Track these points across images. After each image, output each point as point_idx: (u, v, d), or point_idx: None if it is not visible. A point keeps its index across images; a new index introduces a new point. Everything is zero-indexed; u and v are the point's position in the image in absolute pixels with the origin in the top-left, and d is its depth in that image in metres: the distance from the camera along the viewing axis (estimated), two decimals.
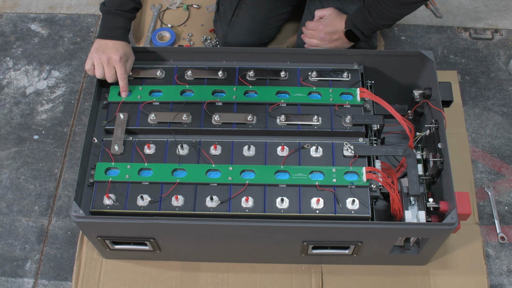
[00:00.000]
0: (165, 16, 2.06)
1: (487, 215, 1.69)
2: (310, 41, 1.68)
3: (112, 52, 1.44)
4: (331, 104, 1.47)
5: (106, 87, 1.50)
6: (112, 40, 1.46)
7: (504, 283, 1.59)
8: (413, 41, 2.05)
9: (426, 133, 1.48)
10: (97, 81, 1.49)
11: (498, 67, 1.98)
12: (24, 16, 2.12)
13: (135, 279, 1.53)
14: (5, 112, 1.90)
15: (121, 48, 1.45)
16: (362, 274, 1.53)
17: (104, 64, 1.44)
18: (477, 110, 1.89)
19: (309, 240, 1.38)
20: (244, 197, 1.34)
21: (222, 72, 1.51)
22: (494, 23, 2.09)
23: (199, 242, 1.43)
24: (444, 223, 1.29)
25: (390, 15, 1.54)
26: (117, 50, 1.45)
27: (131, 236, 1.40)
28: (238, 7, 1.80)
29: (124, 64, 1.46)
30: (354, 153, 1.40)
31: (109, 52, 1.44)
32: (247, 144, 1.42)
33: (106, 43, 1.45)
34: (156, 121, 1.44)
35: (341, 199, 1.35)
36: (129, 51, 1.49)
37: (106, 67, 1.44)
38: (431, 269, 1.54)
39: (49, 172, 1.78)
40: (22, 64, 2.00)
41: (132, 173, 1.38)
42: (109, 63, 1.44)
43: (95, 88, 1.48)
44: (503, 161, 1.79)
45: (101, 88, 1.51)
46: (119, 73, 1.45)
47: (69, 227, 1.68)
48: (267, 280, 1.53)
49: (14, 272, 1.62)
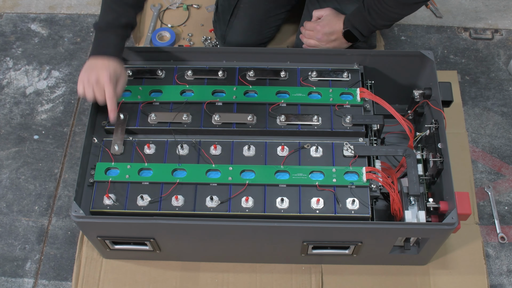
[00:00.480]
0: (165, 16, 2.06)
1: (487, 215, 1.69)
2: (308, 41, 1.68)
3: (100, 71, 1.34)
4: (331, 104, 1.47)
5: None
6: (101, 58, 1.37)
7: (504, 283, 1.59)
8: (413, 41, 2.05)
9: (426, 133, 1.48)
10: None
11: (498, 67, 1.98)
12: (24, 16, 2.12)
13: (135, 279, 1.53)
14: (5, 112, 1.90)
15: (111, 66, 1.36)
16: (362, 274, 1.53)
17: (94, 85, 1.35)
18: (477, 110, 1.89)
19: (309, 240, 1.38)
20: (244, 197, 1.34)
21: (222, 72, 1.51)
22: (494, 23, 2.09)
23: (199, 242, 1.43)
24: (444, 223, 1.29)
25: (390, 16, 1.54)
26: (106, 68, 1.35)
27: (131, 236, 1.40)
28: (237, 8, 1.80)
29: (113, 84, 1.35)
30: (354, 153, 1.40)
31: (98, 70, 1.35)
32: (247, 144, 1.42)
33: (95, 61, 1.37)
34: (156, 121, 1.44)
35: (341, 199, 1.35)
36: (120, 70, 1.39)
37: (96, 87, 1.35)
38: (431, 269, 1.54)
39: (49, 172, 1.78)
40: (22, 64, 2.00)
41: (132, 173, 1.38)
42: (98, 83, 1.34)
43: None
44: (503, 161, 1.79)
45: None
46: (107, 92, 1.35)
47: (69, 227, 1.68)
48: (267, 280, 1.53)
49: (14, 272, 1.62)
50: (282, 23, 1.90)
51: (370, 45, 1.80)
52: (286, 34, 1.97)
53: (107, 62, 1.36)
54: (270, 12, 1.83)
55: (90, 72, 1.35)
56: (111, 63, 1.37)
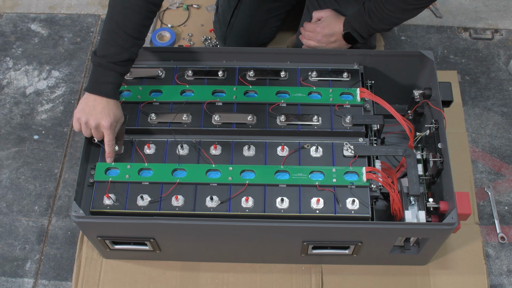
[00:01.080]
0: (165, 16, 2.06)
1: (487, 215, 1.69)
2: (308, 42, 1.68)
3: (101, 118, 1.31)
4: (331, 104, 1.47)
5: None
6: (100, 99, 1.31)
7: (504, 283, 1.59)
8: (413, 41, 2.05)
9: (426, 133, 1.48)
10: None
11: (498, 67, 1.98)
12: (24, 16, 2.12)
13: (135, 279, 1.53)
14: (5, 112, 1.90)
15: (112, 113, 1.32)
16: (362, 274, 1.53)
17: (92, 129, 1.33)
18: (477, 110, 1.89)
19: (309, 240, 1.38)
20: (244, 197, 1.34)
21: (222, 72, 1.51)
22: (494, 23, 2.09)
23: (199, 242, 1.43)
24: (444, 223, 1.29)
25: (391, 20, 1.54)
26: (107, 116, 1.31)
27: (131, 236, 1.40)
28: (237, 8, 1.80)
29: (113, 131, 1.34)
30: (354, 153, 1.40)
31: (98, 117, 1.31)
32: (247, 144, 1.41)
33: (94, 104, 1.31)
34: (156, 121, 1.44)
35: (341, 199, 1.35)
36: (119, 114, 1.36)
37: (95, 131, 1.34)
38: (431, 269, 1.54)
39: (49, 172, 1.78)
40: (22, 64, 2.00)
41: (132, 173, 1.38)
42: (97, 128, 1.33)
43: None
44: (503, 161, 1.79)
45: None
46: (106, 140, 1.34)
47: (69, 227, 1.68)
48: (267, 280, 1.53)
49: (14, 272, 1.62)
50: (282, 23, 1.90)
51: (369, 46, 1.80)
52: (286, 34, 1.97)
53: (107, 107, 1.31)
54: (270, 12, 1.83)
55: (88, 116, 1.31)
56: (111, 108, 1.32)
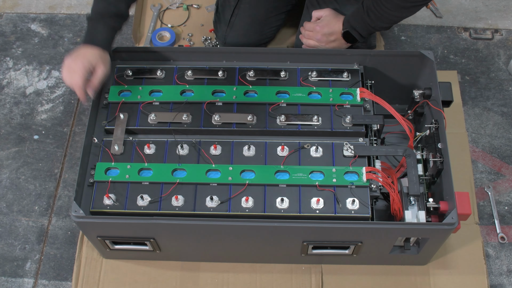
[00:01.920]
0: (165, 16, 2.06)
1: (487, 215, 1.69)
2: (308, 41, 1.68)
3: (76, 59, 1.35)
4: (331, 104, 1.47)
5: (106, 87, 1.50)
6: (86, 47, 1.38)
7: (504, 283, 1.59)
8: (413, 41, 2.05)
9: (426, 133, 1.48)
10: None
11: (498, 67, 1.98)
12: (24, 16, 2.12)
13: (135, 279, 1.53)
14: (5, 112, 1.90)
15: (88, 54, 1.36)
16: (362, 274, 1.53)
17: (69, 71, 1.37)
18: (477, 110, 1.89)
19: (309, 240, 1.38)
20: (244, 197, 1.34)
21: (222, 72, 1.51)
22: (494, 23, 2.09)
23: (199, 242, 1.43)
24: (444, 223, 1.29)
25: (389, 18, 1.54)
26: (81, 57, 1.35)
27: (131, 236, 1.40)
28: (237, 8, 1.80)
29: (82, 73, 1.35)
30: (354, 153, 1.40)
31: (74, 58, 1.36)
32: (247, 144, 1.41)
33: (80, 50, 1.38)
34: (156, 121, 1.44)
35: (341, 199, 1.35)
36: (96, 60, 1.37)
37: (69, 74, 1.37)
38: (431, 269, 1.54)
39: (49, 172, 1.78)
40: (22, 64, 2.00)
41: (132, 173, 1.38)
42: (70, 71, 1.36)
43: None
44: (503, 161, 1.79)
45: (101, 88, 1.51)
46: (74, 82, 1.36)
47: (69, 227, 1.68)
48: (267, 280, 1.53)
49: (14, 272, 1.62)
50: (282, 23, 1.90)
51: (369, 45, 1.80)
52: (286, 34, 1.97)
53: (86, 51, 1.37)
54: (271, 12, 1.83)
55: (68, 59, 1.37)
56: (89, 52, 1.37)
